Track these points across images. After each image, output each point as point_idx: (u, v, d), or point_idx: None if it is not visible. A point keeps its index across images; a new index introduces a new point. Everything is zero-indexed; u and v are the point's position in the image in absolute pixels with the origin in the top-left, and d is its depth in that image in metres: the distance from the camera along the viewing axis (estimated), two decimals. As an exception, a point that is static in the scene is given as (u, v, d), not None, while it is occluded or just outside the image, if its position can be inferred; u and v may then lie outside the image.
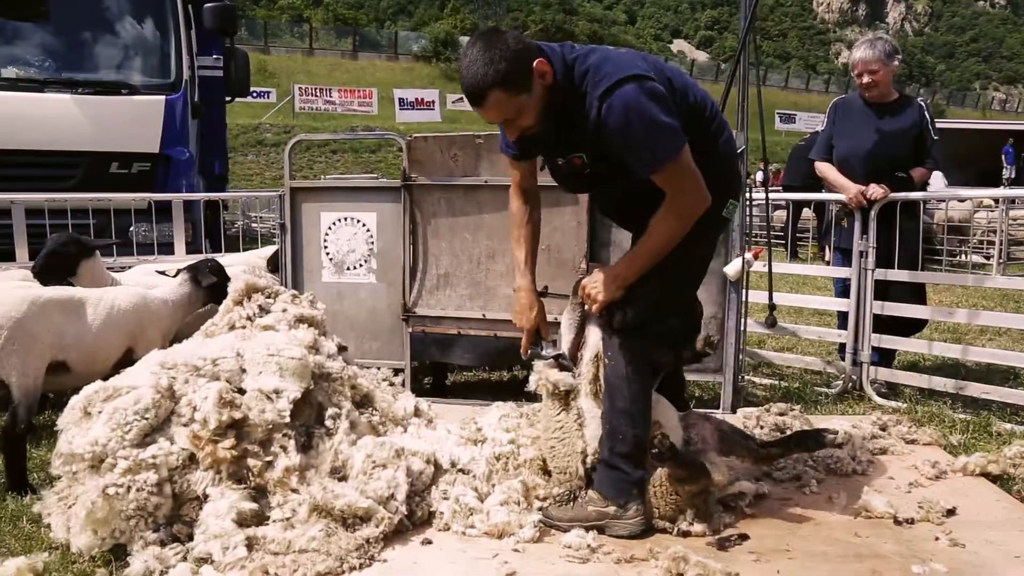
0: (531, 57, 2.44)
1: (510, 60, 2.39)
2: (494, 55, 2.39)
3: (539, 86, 2.47)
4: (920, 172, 4.62)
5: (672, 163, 2.48)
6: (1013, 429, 3.91)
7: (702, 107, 2.68)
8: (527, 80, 2.44)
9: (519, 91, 2.44)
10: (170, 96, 7.10)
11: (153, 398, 2.75)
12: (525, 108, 2.49)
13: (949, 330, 6.45)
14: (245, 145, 27.00)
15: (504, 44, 2.41)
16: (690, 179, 2.53)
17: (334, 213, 4.58)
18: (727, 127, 2.77)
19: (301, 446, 2.89)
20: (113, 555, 2.52)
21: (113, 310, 3.61)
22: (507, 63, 2.39)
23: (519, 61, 2.41)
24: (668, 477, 2.67)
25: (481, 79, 2.41)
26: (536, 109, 2.50)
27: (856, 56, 4.67)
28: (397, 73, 42.76)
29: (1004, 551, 2.57)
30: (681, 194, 2.54)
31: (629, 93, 2.42)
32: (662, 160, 2.47)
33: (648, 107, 2.43)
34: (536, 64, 2.44)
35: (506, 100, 2.44)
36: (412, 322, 4.47)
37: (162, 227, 5.95)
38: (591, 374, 2.85)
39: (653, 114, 2.43)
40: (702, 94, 2.72)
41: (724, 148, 2.72)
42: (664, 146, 2.47)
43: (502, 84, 2.41)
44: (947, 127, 17.22)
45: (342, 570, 2.43)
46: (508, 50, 2.40)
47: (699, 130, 2.63)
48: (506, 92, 2.43)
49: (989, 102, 67.18)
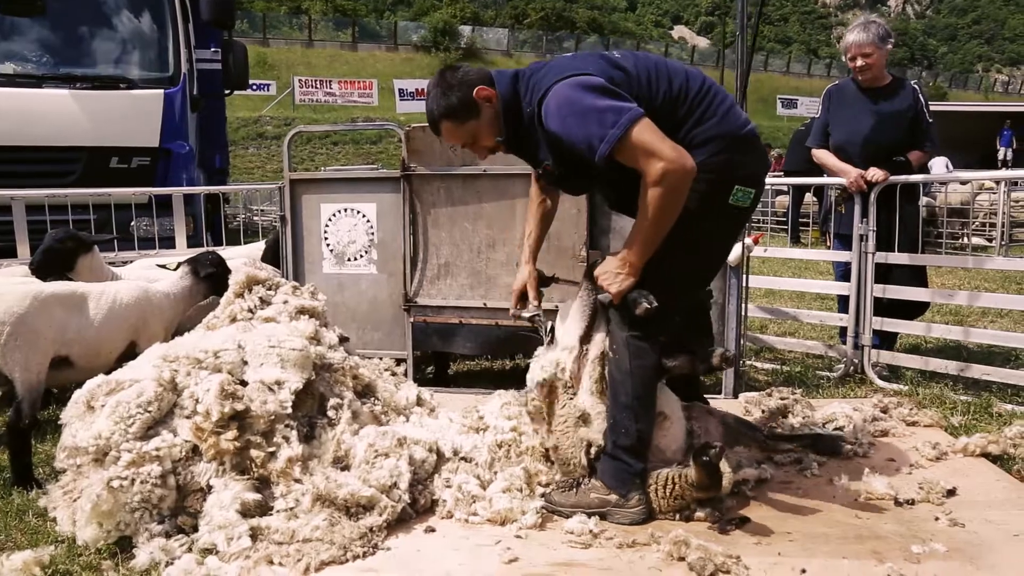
0: (471, 88, 2.66)
1: (452, 93, 2.67)
2: (440, 90, 2.69)
3: (488, 110, 2.70)
4: (917, 155, 4.61)
5: (622, 140, 2.41)
6: (1014, 410, 3.92)
7: (682, 92, 2.61)
8: (471, 108, 2.68)
9: (466, 118, 2.70)
10: (169, 90, 7.10)
11: (156, 391, 2.77)
12: (478, 131, 2.74)
13: (950, 312, 6.45)
14: (245, 138, 27.00)
15: (449, 80, 2.70)
16: (654, 146, 2.42)
17: (334, 204, 4.59)
18: (721, 109, 2.64)
19: (303, 436, 2.91)
20: (119, 547, 2.54)
21: (115, 304, 3.62)
22: (449, 96, 2.67)
23: (460, 92, 2.67)
24: (682, 478, 2.65)
25: (432, 112, 2.74)
26: (491, 130, 2.73)
27: (849, 39, 4.64)
28: (397, 63, 42.64)
29: (1003, 530, 2.58)
30: (650, 162, 2.43)
31: (559, 91, 2.51)
32: (609, 141, 2.41)
33: (579, 97, 2.47)
34: (476, 92, 2.66)
35: (455, 128, 2.73)
36: (413, 312, 4.48)
37: (163, 221, 5.96)
38: (597, 373, 2.84)
39: (586, 102, 2.46)
40: (685, 79, 2.64)
41: (714, 131, 2.60)
42: (606, 127, 2.41)
43: (447, 115, 2.71)
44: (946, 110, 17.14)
45: (346, 559, 2.44)
46: (451, 84, 2.68)
47: (679, 115, 2.59)
48: (452, 121, 2.71)
49: (991, 84, 66.76)
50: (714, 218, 2.67)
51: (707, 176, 2.56)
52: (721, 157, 2.59)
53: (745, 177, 2.66)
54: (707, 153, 2.57)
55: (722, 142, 2.60)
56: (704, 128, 2.60)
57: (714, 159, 2.58)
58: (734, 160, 2.62)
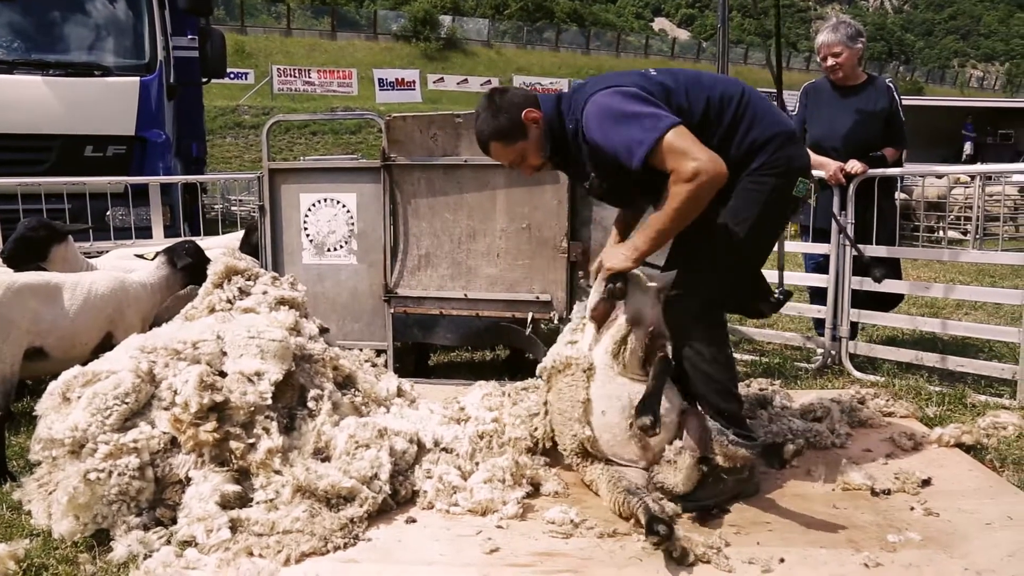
0: (519, 109, 2.78)
1: (501, 115, 2.79)
2: (490, 113, 2.81)
3: (535, 130, 2.80)
4: (892, 151, 4.69)
5: (659, 145, 2.51)
6: (987, 400, 3.99)
7: (724, 101, 2.72)
8: (519, 129, 2.79)
9: (514, 140, 2.81)
10: (145, 77, 6.99)
11: (133, 382, 2.74)
12: (526, 151, 2.84)
13: (926, 304, 6.53)
14: (223, 127, 26.70)
15: (498, 103, 2.81)
16: (689, 149, 2.52)
17: (314, 194, 4.55)
18: (768, 111, 2.80)
19: (283, 428, 2.89)
20: (96, 540, 2.51)
21: (91, 295, 3.57)
22: (499, 119, 2.79)
23: (509, 114, 2.78)
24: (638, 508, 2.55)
25: (482, 133, 2.86)
26: (538, 149, 2.84)
27: (820, 40, 4.76)
28: (376, 53, 42.32)
29: (976, 519, 2.63)
30: (683, 161, 2.51)
31: (598, 100, 2.64)
32: (646, 144, 2.51)
33: (617, 104, 2.59)
34: (525, 114, 2.77)
35: (504, 149, 2.85)
36: (394, 303, 4.46)
37: (139, 211, 5.89)
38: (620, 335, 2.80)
39: (624, 109, 2.58)
40: (725, 88, 2.78)
41: (771, 130, 2.72)
42: (642, 133, 2.52)
43: (496, 136, 2.83)
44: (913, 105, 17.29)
45: (326, 550, 2.43)
46: (500, 107, 2.80)
47: (728, 125, 2.71)
48: (502, 142, 2.83)
49: (967, 80, 67.58)
50: (781, 210, 2.85)
51: (775, 171, 2.72)
52: (782, 153, 2.73)
53: (802, 168, 2.83)
54: (770, 152, 2.71)
55: (780, 139, 2.74)
56: (760, 129, 2.73)
57: (777, 156, 2.72)
58: (792, 154, 2.78)
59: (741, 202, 2.71)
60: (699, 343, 2.75)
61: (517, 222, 4.28)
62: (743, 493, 2.79)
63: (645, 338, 2.78)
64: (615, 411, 2.76)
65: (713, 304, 2.81)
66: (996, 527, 2.57)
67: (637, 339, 2.78)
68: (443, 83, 37.79)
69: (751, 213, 2.70)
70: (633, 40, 57.08)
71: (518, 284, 4.32)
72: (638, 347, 2.77)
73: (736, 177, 2.70)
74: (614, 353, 2.79)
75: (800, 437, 3.31)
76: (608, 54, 50.49)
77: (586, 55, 49.48)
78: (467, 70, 41.41)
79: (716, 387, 2.77)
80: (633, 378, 2.77)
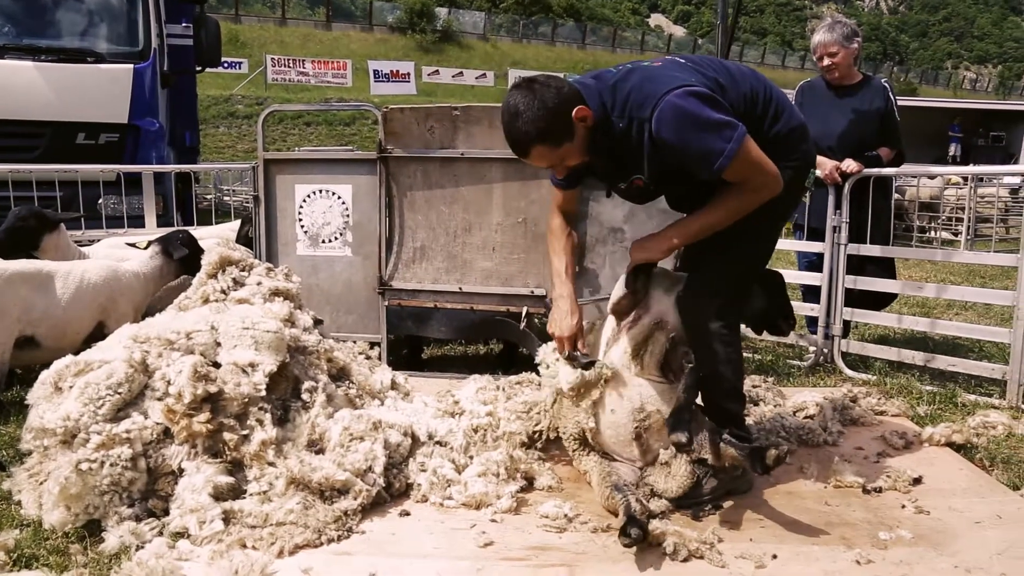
0: (570, 107, 2.47)
1: (549, 116, 2.45)
2: (533, 112, 2.44)
3: (582, 130, 2.52)
4: (887, 151, 4.70)
5: (736, 158, 2.44)
6: (977, 400, 4.01)
7: (754, 96, 2.67)
8: (568, 130, 2.50)
9: (561, 142, 2.51)
10: (138, 65, 6.94)
11: (126, 372, 2.72)
12: (569, 153, 2.56)
13: (917, 304, 6.57)
14: (216, 117, 26.54)
15: (542, 99, 2.45)
16: (759, 167, 2.51)
17: (309, 185, 4.53)
18: (787, 103, 2.76)
19: (277, 419, 2.88)
20: (87, 531, 2.49)
21: (83, 284, 3.55)
22: (546, 120, 2.45)
23: (558, 115, 2.46)
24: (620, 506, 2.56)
25: (523, 137, 2.49)
26: (580, 149, 2.57)
27: (816, 39, 4.77)
28: (371, 44, 42.13)
29: (966, 517, 2.65)
30: (759, 174, 2.52)
31: (675, 102, 2.43)
32: (729, 156, 2.43)
33: (697, 110, 2.43)
34: (575, 112, 2.48)
35: (549, 152, 2.53)
36: (388, 295, 4.45)
37: (132, 199, 5.84)
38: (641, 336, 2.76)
39: (704, 115, 2.43)
40: (751, 80, 2.72)
41: (794, 122, 2.72)
42: (723, 143, 2.43)
43: (542, 140, 2.48)
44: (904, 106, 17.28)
45: (320, 542, 2.43)
46: (546, 106, 2.45)
47: (756, 119, 2.64)
48: (548, 146, 2.50)
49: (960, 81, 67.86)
50: (794, 201, 2.88)
51: (793, 164, 2.68)
52: (804, 145, 2.74)
53: (813, 161, 2.85)
54: (792, 143, 2.70)
55: (800, 131, 2.73)
56: (782, 123, 2.69)
57: (800, 148, 2.72)
58: (808, 148, 2.79)
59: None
60: (715, 342, 2.70)
61: (513, 216, 4.27)
62: (736, 490, 2.80)
63: (667, 342, 2.72)
64: (625, 411, 2.74)
65: (731, 303, 2.76)
66: (985, 525, 2.59)
67: (658, 343, 2.72)
68: (438, 76, 37.68)
69: (770, 204, 2.63)
70: (629, 36, 57.00)
71: (513, 278, 4.31)
72: (658, 350, 2.71)
73: None
74: (633, 354, 2.72)
75: (792, 435, 3.33)
76: (604, 49, 50.43)
77: (582, 50, 49.42)
78: (462, 63, 41.30)
79: (726, 387, 2.76)
80: (649, 379, 2.73)
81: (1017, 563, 2.33)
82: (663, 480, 2.68)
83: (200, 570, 2.26)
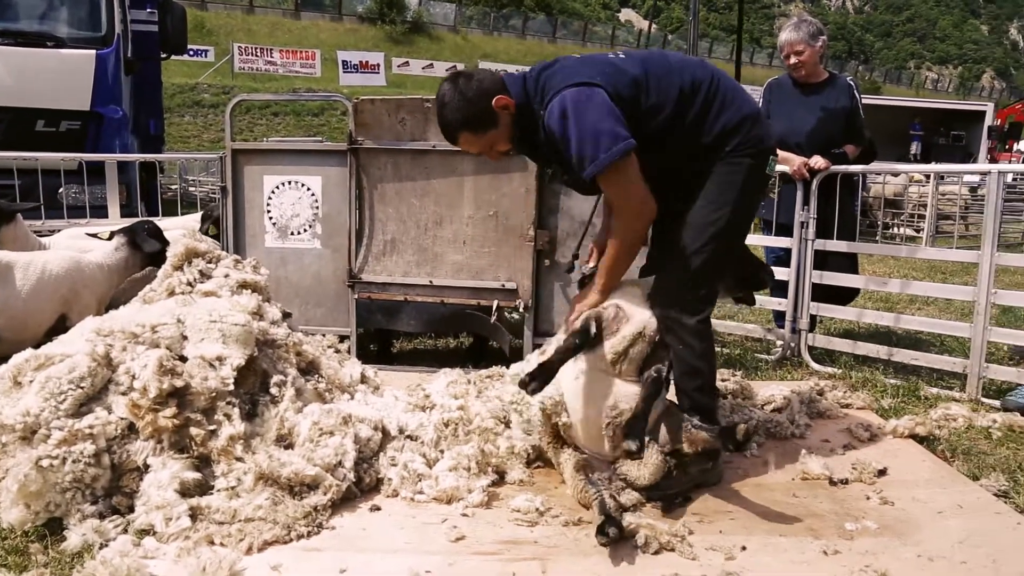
0: (490, 97, 2.65)
1: (469, 105, 2.66)
2: (455, 103, 2.67)
3: (505, 117, 2.69)
4: (852, 149, 4.77)
5: (610, 170, 2.54)
6: (939, 393, 4.10)
7: (696, 85, 2.70)
8: (490, 118, 2.68)
9: (484, 129, 2.70)
10: (101, 51, 6.79)
11: (89, 366, 2.66)
12: (496, 139, 2.74)
13: (882, 299, 6.69)
14: (182, 106, 26.08)
15: (462, 91, 2.66)
16: (631, 188, 2.60)
17: (278, 176, 4.46)
18: (737, 92, 2.81)
19: (246, 414, 2.84)
20: (48, 529, 2.42)
21: (44, 275, 3.47)
22: (466, 108, 2.66)
23: (479, 103, 2.65)
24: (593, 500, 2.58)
25: (448, 125, 2.73)
26: (507, 136, 2.74)
27: (782, 38, 4.82)
28: (341, 34, 41.69)
29: (928, 507, 2.70)
30: (623, 202, 2.67)
31: (565, 98, 2.56)
32: (598, 166, 2.53)
33: (583, 110, 2.53)
34: (495, 101, 2.65)
35: (475, 138, 2.73)
36: (358, 288, 4.41)
37: (94, 189, 5.72)
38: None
39: (587, 118, 2.52)
40: (694, 71, 2.75)
41: (744, 110, 2.75)
42: (596, 151, 2.51)
43: (466, 126, 2.70)
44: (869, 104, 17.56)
45: (289, 538, 2.40)
46: (465, 96, 2.66)
47: (700, 107, 2.70)
48: (472, 132, 2.71)
49: (923, 81, 69.18)
50: (759, 188, 2.91)
51: (748, 152, 2.74)
52: (755, 133, 2.76)
53: (771, 147, 2.90)
54: (742, 133, 2.73)
55: (750, 120, 2.76)
56: (731, 113, 2.73)
57: (749, 137, 2.74)
58: (763, 134, 2.82)
59: (719, 187, 2.73)
60: (691, 337, 2.73)
61: (484, 209, 4.26)
62: (707, 482, 2.83)
63: (647, 347, 2.72)
64: (597, 408, 2.73)
65: (705, 297, 2.80)
66: (947, 515, 2.65)
67: (638, 350, 2.71)
68: (408, 67, 37.39)
69: (732, 196, 2.72)
70: (600, 30, 57.15)
71: (484, 272, 4.30)
72: (638, 357, 2.70)
73: (709, 162, 2.74)
74: (612, 362, 2.71)
75: (760, 428, 3.37)
76: (575, 43, 50.48)
77: (552, 44, 49.40)
78: (432, 55, 41.05)
79: (700, 382, 2.79)
80: (626, 380, 2.72)
81: (977, 551, 2.39)
82: (635, 468, 2.69)
83: (166, 568, 2.22)
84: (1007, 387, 4.10)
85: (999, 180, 4.02)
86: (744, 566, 2.29)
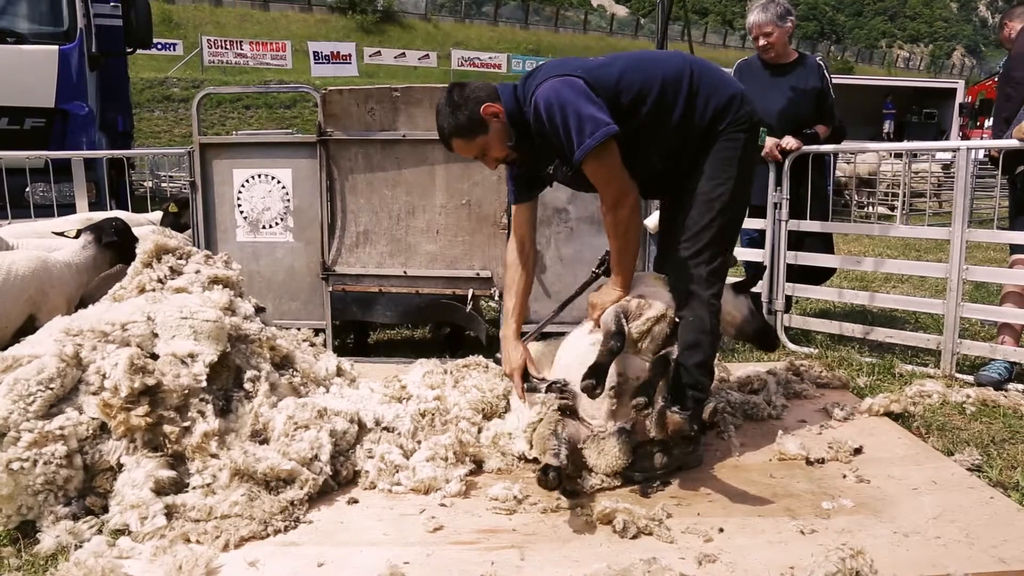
0: (478, 105, 2.77)
1: (457, 114, 2.79)
2: (449, 109, 2.80)
3: (496, 124, 2.80)
4: (823, 129, 4.80)
5: (592, 155, 2.63)
6: (914, 370, 4.15)
7: (680, 77, 2.83)
8: (480, 124, 2.79)
9: (475, 135, 2.81)
10: (64, 46, 6.65)
11: (58, 367, 2.61)
12: (488, 144, 2.84)
13: (856, 278, 6.75)
14: (151, 101, 25.71)
15: (456, 99, 2.79)
16: (613, 172, 2.71)
17: (247, 170, 4.41)
18: (723, 75, 2.97)
19: (220, 410, 2.81)
20: (20, 532, 2.39)
21: (10, 275, 3.40)
22: (455, 117, 2.79)
23: (467, 111, 2.78)
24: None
25: (442, 130, 2.86)
26: (500, 142, 2.84)
27: (751, 20, 4.84)
28: (311, 25, 41.22)
29: (904, 484, 2.73)
30: (605, 187, 2.76)
31: (548, 88, 2.69)
32: (584, 150, 2.62)
33: (567, 96, 2.64)
34: (483, 109, 2.76)
35: (466, 144, 2.84)
36: (332, 281, 4.38)
37: (62, 187, 5.62)
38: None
39: (570, 107, 2.63)
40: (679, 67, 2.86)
41: (731, 90, 2.89)
42: (583, 135, 2.61)
43: (456, 133, 2.82)
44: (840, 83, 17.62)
45: (267, 533, 2.38)
46: (458, 104, 2.78)
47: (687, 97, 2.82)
48: (463, 139, 2.83)
49: (894, 60, 69.74)
50: (753, 160, 3.05)
51: (742, 127, 2.87)
52: (744, 110, 2.88)
53: (761, 120, 3.02)
54: (733, 111, 2.86)
55: (738, 98, 2.89)
56: (719, 96, 2.86)
57: (740, 113, 2.87)
58: (751, 109, 2.94)
59: (719, 164, 2.86)
60: (702, 308, 2.85)
61: (456, 198, 4.23)
62: (687, 465, 2.84)
63: (667, 329, 2.80)
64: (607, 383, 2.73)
65: (717, 271, 2.90)
66: (922, 491, 2.68)
67: (659, 332, 2.78)
68: (380, 57, 37.09)
69: (732, 171, 2.86)
70: (572, 15, 56.94)
71: (458, 261, 4.28)
72: (660, 338, 2.78)
73: (705, 143, 2.86)
74: (634, 341, 2.76)
75: (737, 410, 3.39)
76: (547, 29, 50.28)
77: (525, 30, 49.17)
78: (404, 44, 40.71)
79: (701, 358, 2.86)
80: (643, 359, 2.78)
81: (951, 526, 2.42)
82: (595, 456, 2.70)
83: (142, 567, 2.19)
84: (980, 362, 4.16)
85: (968, 156, 4.06)
86: (722, 548, 2.30)
